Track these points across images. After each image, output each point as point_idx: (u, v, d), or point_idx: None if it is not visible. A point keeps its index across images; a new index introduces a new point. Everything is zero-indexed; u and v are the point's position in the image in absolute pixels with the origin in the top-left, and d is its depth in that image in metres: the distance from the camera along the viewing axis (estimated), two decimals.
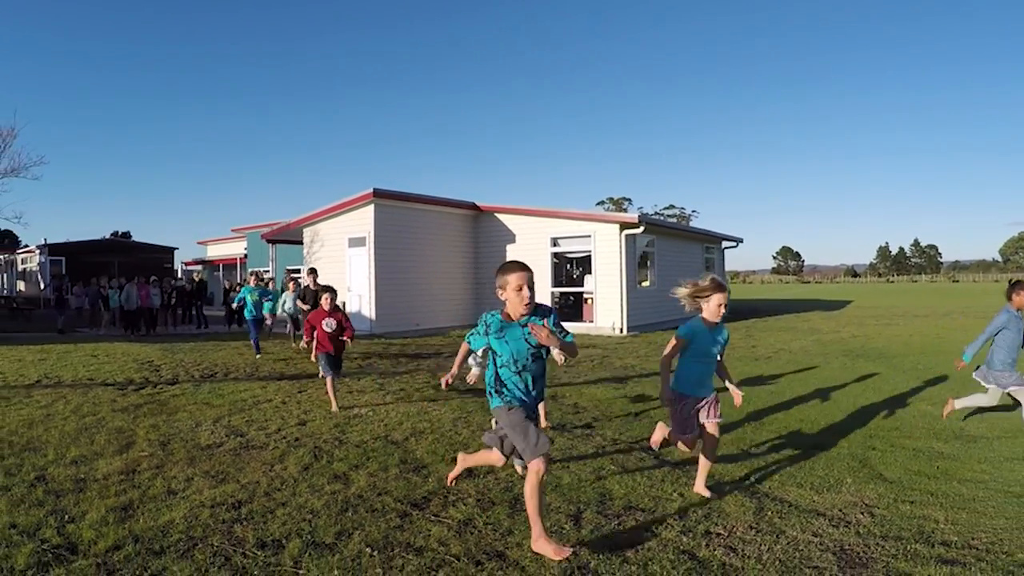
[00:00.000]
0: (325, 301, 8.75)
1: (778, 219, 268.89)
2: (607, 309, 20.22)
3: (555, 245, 21.48)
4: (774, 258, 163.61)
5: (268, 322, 15.56)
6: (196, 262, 43.84)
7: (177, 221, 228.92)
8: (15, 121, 46.58)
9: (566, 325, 4.34)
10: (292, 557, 3.96)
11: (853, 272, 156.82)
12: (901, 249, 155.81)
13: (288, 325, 16.35)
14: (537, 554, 3.95)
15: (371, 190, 19.16)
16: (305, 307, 13.86)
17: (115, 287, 21.79)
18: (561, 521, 4.53)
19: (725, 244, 30.14)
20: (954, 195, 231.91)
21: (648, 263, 22.58)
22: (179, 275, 40.69)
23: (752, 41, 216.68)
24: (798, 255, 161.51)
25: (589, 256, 21.13)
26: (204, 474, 5.63)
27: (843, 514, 4.70)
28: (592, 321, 20.49)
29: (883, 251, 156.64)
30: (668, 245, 23.89)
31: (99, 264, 37.20)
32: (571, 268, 25.04)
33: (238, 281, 24.25)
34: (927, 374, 11.03)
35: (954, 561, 3.94)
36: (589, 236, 20.75)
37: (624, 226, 20.24)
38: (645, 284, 22.29)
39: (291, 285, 15.62)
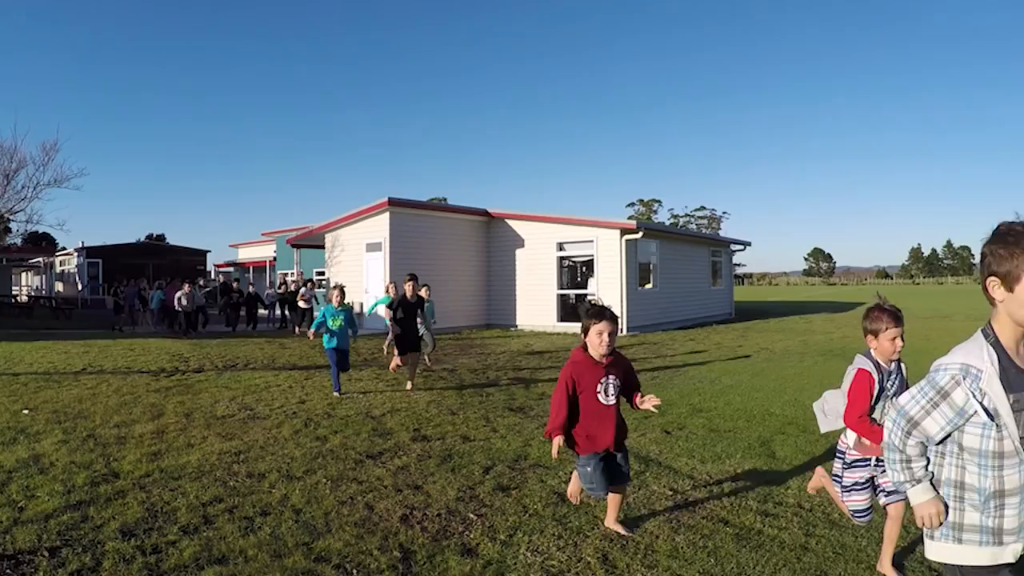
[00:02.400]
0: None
1: (811, 220, 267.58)
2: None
3: (561, 249, 22.94)
4: (805, 259, 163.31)
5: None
6: (228, 264, 45.72)
7: (210, 224, 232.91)
8: (57, 135, 49.36)
9: (569, 326, 5.69)
10: (270, 483, 5.57)
11: (885, 273, 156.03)
12: (933, 251, 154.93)
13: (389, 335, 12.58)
14: (441, 485, 5.51)
15: (386, 199, 20.85)
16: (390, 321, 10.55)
17: (157, 288, 23.94)
18: (474, 471, 6.03)
19: (734, 247, 31.39)
20: (990, 195, 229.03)
21: (651, 266, 23.93)
22: (211, 276, 42.71)
23: (785, 40, 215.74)
24: (829, 256, 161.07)
25: (592, 260, 22.57)
26: (216, 435, 7.28)
27: (709, 478, 5.88)
28: None
29: (915, 252, 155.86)
30: (672, 249, 25.24)
31: (135, 266, 39.21)
32: (576, 271, 26.49)
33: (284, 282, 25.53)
34: None
35: (772, 515, 4.87)
36: (592, 241, 22.15)
37: (624, 232, 21.60)
38: (648, 286, 23.67)
39: (391, 289, 13.85)
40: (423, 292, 11.46)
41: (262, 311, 26.39)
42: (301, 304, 21.87)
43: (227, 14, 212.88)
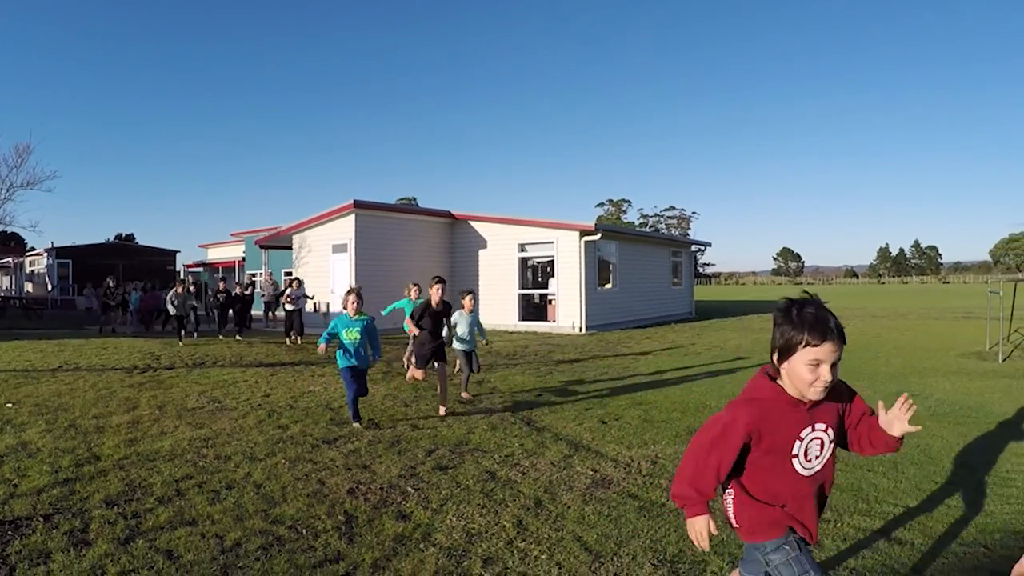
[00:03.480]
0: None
1: (781, 220, 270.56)
2: (568, 309, 22.44)
3: (522, 250, 23.75)
4: (774, 259, 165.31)
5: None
6: (197, 264, 46.07)
7: (180, 224, 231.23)
8: (31, 138, 49.44)
9: (530, 324, 6.37)
10: (235, 463, 6.33)
11: (853, 273, 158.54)
12: (901, 250, 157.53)
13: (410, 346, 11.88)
14: (387, 465, 6.29)
15: (352, 201, 21.55)
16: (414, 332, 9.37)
17: (133, 289, 24.26)
18: (418, 454, 6.81)
19: (695, 248, 32.35)
20: (958, 196, 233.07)
21: (611, 267, 24.79)
22: (181, 275, 42.96)
23: (754, 40, 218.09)
24: (798, 256, 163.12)
25: (553, 260, 23.41)
26: (187, 424, 8.01)
27: (631, 461, 6.57)
28: (555, 320, 22.69)
29: (883, 252, 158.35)
30: (632, 250, 26.15)
31: (104, 266, 39.52)
32: (538, 271, 27.33)
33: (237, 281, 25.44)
34: None
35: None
36: (552, 242, 23.00)
37: (583, 233, 22.44)
38: (608, 287, 24.53)
39: (413, 292, 12.40)
40: (466, 301, 10.28)
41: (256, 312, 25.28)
42: (287, 307, 18.81)
43: (195, 14, 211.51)
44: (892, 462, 6.35)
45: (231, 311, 21.56)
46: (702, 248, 31.17)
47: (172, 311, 18.58)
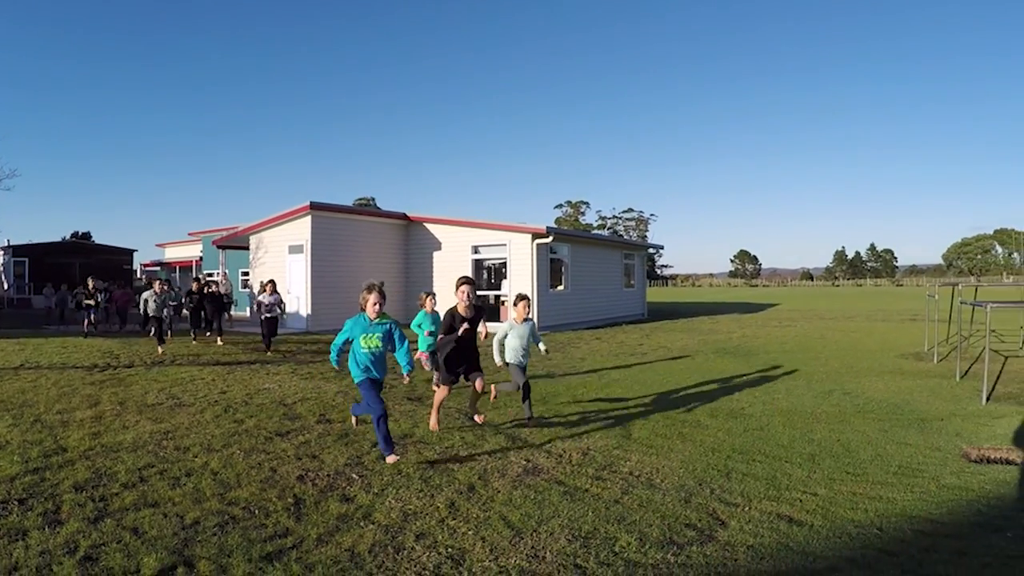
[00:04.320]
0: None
1: (739, 223, 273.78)
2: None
3: (476, 252, 24.39)
4: (732, 261, 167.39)
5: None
6: (154, 264, 46.02)
7: (137, 223, 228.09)
8: None
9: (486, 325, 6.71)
10: (193, 454, 6.87)
11: (809, 275, 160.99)
12: (857, 253, 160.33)
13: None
14: (335, 455, 6.87)
15: (308, 203, 22.01)
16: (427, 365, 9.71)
17: (100, 289, 24.14)
18: (364, 445, 7.39)
19: (651, 250, 33.09)
20: (915, 201, 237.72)
21: (563, 269, 25.47)
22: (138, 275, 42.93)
23: (709, 44, 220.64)
24: (755, 258, 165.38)
25: (506, 262, 24.06)
26: (147, 419, 8.51)
27: (563, 452, 7.05)
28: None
29: (839, 255, 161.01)
30: (585, 252, 26.88)
31: (61, 265, 39.39)
32: (491, 273, 27.91)
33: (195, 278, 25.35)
34: (764, 368, 13.70)
35: (602, 479, 5.99)
36: (505, 244, 23.66)
37: (535, 236, 23.10)
38: (560, 288, 25.19)
39: (429, 303, 10.93)
40: (520, 308, 8.93)
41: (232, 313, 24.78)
42: (265, 314, 16.30)
43: (152, 6, 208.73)
44: (810, 455, 6.98)
45: (204, 311, 20.06)
46: (656, 250, 31.89)
47: (152, 312, 16.78)
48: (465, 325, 7.80)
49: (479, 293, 23.78)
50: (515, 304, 8.91)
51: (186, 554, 4.44)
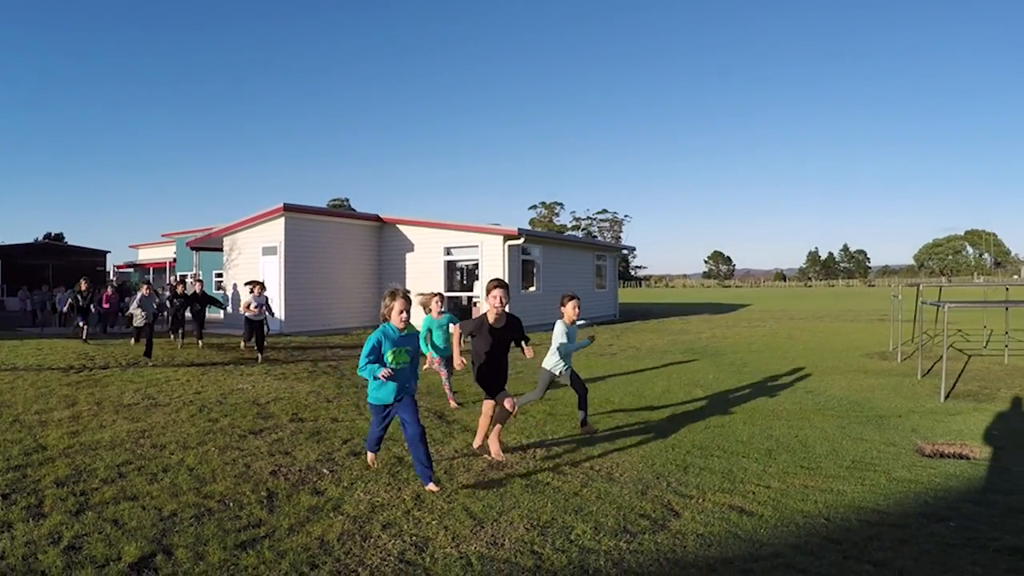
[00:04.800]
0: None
1: (714, 224, 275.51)
2: None
3: (448, 254, 24.69)
4: (705, 262, 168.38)
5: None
6: (128, 265, 45.88)
7: (110, 224, 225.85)
8: None
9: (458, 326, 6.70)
10: (170, 451, 7.15)
11: (783, 276, 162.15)
12: (831, 254, 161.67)
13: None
14: (306, 451, 7.17)
15: (282, 204, 22.20)
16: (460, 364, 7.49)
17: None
18: (335, 442, 7.69)
19: (624, 251, 33.45)
20: (888, 202, 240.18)
21: (534, 271, 25.80)
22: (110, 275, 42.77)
23: (682, 43, 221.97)
24: (729, 259, 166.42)
25: (478, 263, 24.40)
26: (124, 418, 8.76)
27: (526, 448, 7.34)
28: None
29: (813, 256, 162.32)
30: (556, 254, 27.24)
31: (34, 267, 39.21)
32: (464, 274, 28.22)
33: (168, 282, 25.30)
34: (731, 367, 14.06)
35: (563, 473, 6.30)
36: (477, 246, 23.99)
37: (507, 237, 23.46)
38: (532, 289, 25.53)
39: (434, 304, 10.33)
40: (569, 308, 8.35)
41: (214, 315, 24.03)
42: (247, 314, 15.46)
43: (121, 3, 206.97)
44: (767, 450, 7.32)
45: (188, 313, 18.76)
46: (630, 251, 32.27)
47: (140, 320, 15.70)
48: (490, 340, 6.73)
49: (450, 294, 24.16)
50: (564, 304, 8.30)
51: (164, 543, 4.72)
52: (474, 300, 24.50)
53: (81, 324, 19.40)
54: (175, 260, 36.76)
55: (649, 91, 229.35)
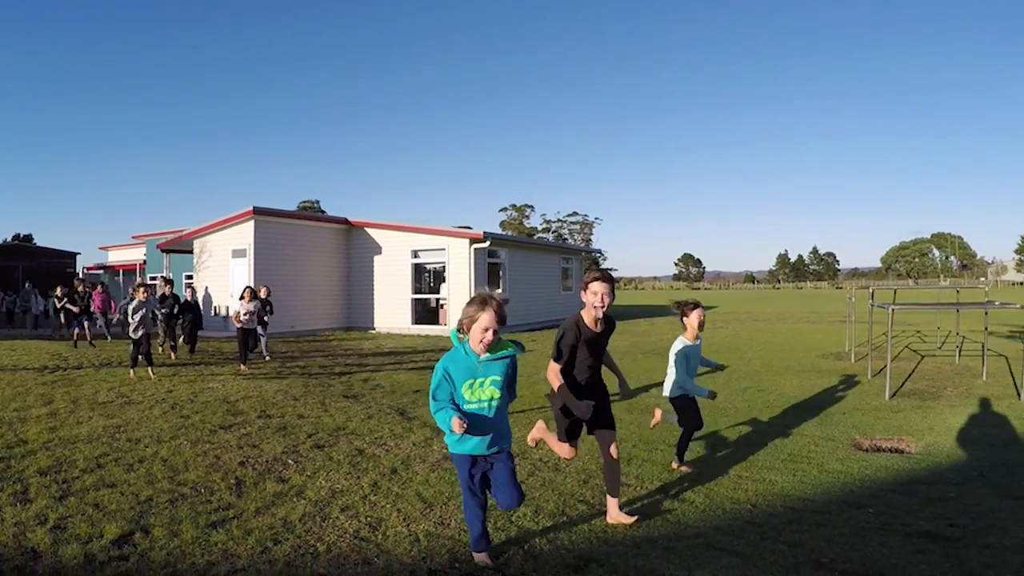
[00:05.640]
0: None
1: (685, 227, 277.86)
2: (459, 313, 23.77)
3: (415, 257, 25.20)
4: (676, 264, 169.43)
5: None
6: (98, 267, 45.86)
7: (79, 225, 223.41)
8: None
9: (423, 328, 7.43)
10: (144, 444, 7.67)
11: (752, 278, 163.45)
12: (800, 257, 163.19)
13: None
14: (273, 444, 7.71)
15: (251, 207, 22.60)
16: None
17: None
18: (300, 436, 8.23)
19: (595, 255, 34.03)
20: (857, 205, 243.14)
21: (501, 273, 26.36)
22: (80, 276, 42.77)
23: (656, 45, 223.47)
24: (699, 262, 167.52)
25: (444, 266, 24.91)
26: (100, 415, 9.24)
27: None
28: (446, 324, 24.07)
29: (782, 258, 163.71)
30: (522, 257, 27.82)
31: (4, 268, 39.18)
32: (431, 277, 28.74)
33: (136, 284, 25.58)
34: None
35: (535, 469, 7.49)
36: (444, 249, 24.51)
37: (473, 241, 24.00)
38: (497, 292, 25.98)
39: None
40: (692, 318, 6.91)
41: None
42: (237, 324, 14.63)
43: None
44: (710, 444, 7.87)
45: (180, 322, 17.03)
46: (599, 253, 32.86)
47: (144, 328, 13.06)
48: (587, 353, 5.22)
49: (417, 296, 24.71)
50: (686, 314, 6.79)
51: (142, 523, 5.25)
52: (441, 302, 25.02)
53: (85, 325, 19.51)
54: (145, 262, 36.92)
55: (621, 93, 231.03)
